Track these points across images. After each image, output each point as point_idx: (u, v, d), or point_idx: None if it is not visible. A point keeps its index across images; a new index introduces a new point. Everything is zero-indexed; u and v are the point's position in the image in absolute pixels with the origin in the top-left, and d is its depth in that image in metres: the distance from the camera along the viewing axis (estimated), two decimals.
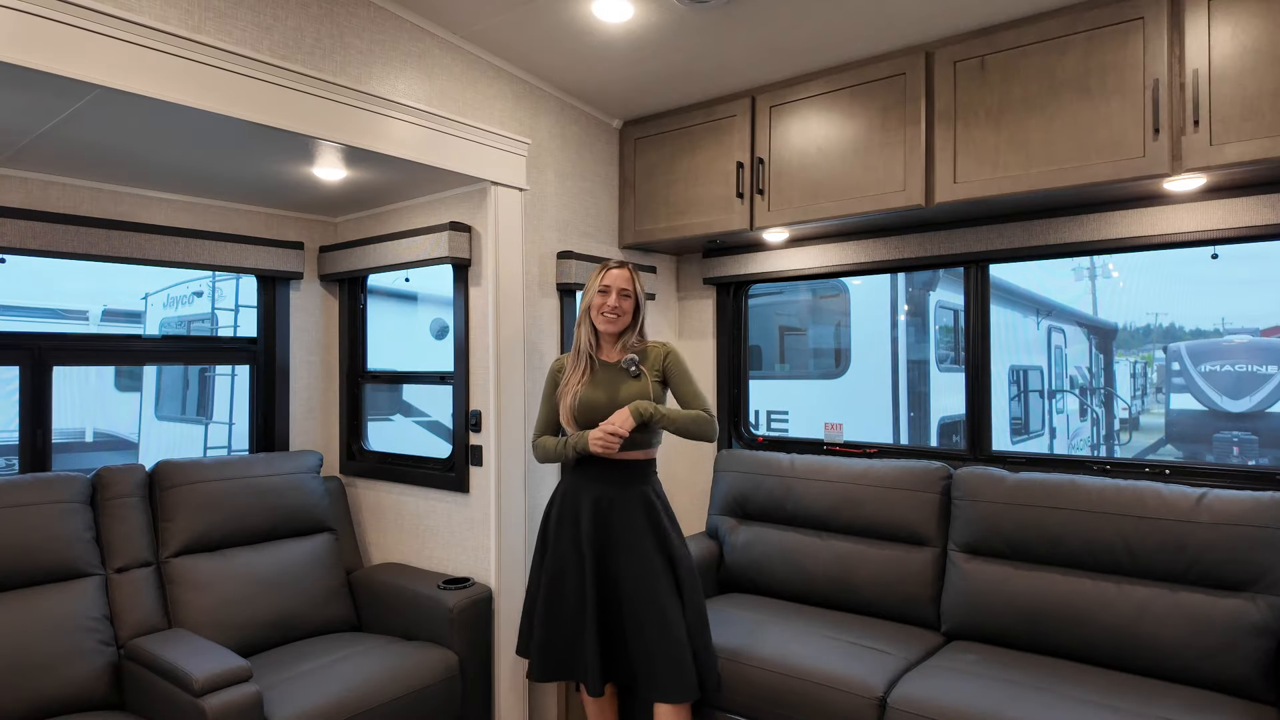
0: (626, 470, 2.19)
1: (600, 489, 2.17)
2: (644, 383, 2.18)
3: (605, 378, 2.21)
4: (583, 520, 2.16)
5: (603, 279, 2.21)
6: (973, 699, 1.94)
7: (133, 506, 2.40)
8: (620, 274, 2.22)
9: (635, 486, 2.18)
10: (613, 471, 2.18)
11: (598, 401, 2.17)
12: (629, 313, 2.22)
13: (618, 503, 2.15)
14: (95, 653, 2.13)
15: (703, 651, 2.13)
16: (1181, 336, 9.14)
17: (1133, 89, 2.08)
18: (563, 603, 2.17)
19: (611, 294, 2.19)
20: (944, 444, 5.85)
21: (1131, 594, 2.15)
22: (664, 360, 2.24)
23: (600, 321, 2.21)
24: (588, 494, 2.17)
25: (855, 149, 2.55)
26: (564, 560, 2.19)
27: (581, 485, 2.20)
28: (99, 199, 2.52)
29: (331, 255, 3.05)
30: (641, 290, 2.26)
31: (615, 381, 2.20)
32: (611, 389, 2.18)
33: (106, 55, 1.72)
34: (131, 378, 7.66)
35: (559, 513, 2.23)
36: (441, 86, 2.48)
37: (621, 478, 2.18)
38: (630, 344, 2.25)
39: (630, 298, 2.22)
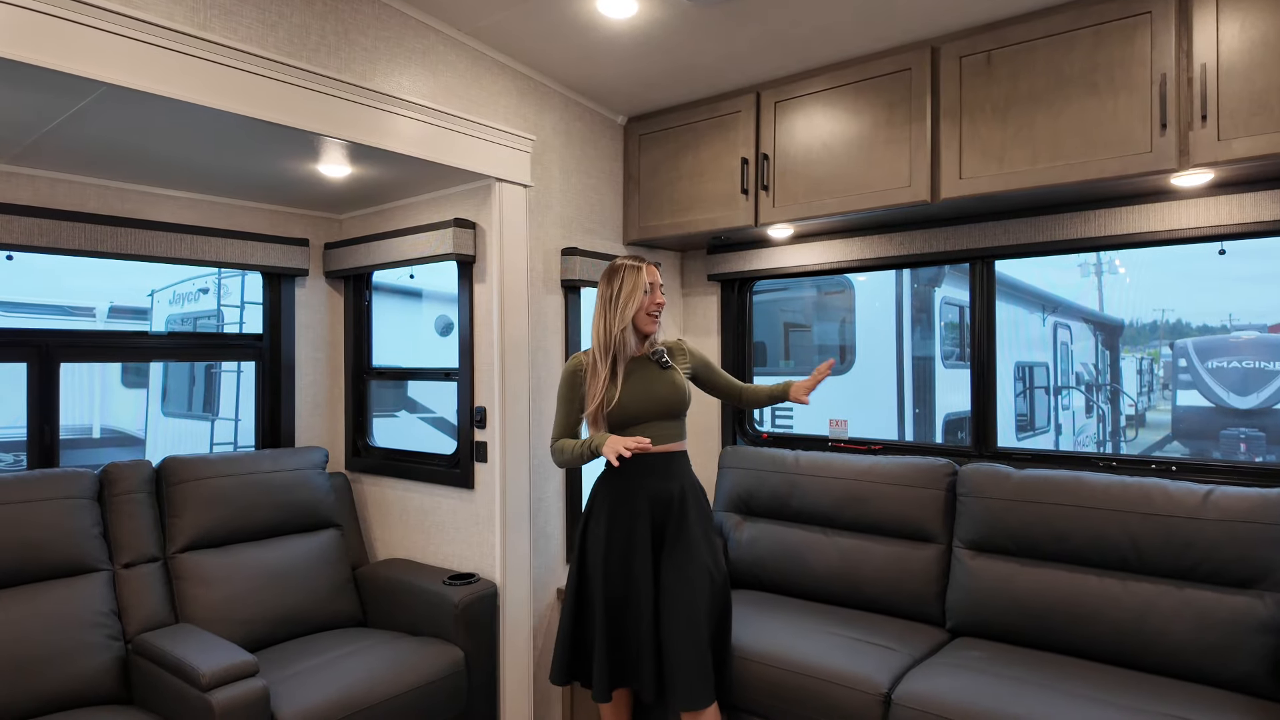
0: (678, 464, 2.17)
1: (658, 484, 2.11)
2: (675, 374, 2.20)
3: (640, 372, 2.18)
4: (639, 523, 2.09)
5: (645, 278, 2.16)
6: (977, 695, 1.94)
7: (140, 502, 2.41)
8: (655, 270, 2.21)
9: (687, 479, 2.17)
10: (666, 467, 2.13)
11: (640, 396, 2.13)
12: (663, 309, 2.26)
13: (677, 497, 2.11)
14: (103, 647, 2.15)
15: (724, 650, 2.13)
16: (1188, 333, 9.10)
17: (1140, 84, 2.07)
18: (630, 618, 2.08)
19: (656, 291, 2.19)
20: (949, 440, 5.84)
21: (1137, 591, 2.15)
22: (689, 354, 2.30)
23: (646, 322, 2.18)
24: (644, 492, 2.10)
25: (860, 145, 2.54)
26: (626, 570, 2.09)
27: (634, 486, 2.11)
28: (105, 196, 2.52)
29: (336, 252, 3.06)
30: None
31: (651, 374, 2.18)
32: (650, 382, 2.16)
33: (112, 52, 1.72)
34: (138, 374, 7.69)
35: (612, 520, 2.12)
36: (446, 83, 2.48)
37: (675, 472, 2.15)
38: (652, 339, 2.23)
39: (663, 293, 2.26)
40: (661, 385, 2.16)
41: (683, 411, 2.20)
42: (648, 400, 2.13)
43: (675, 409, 2.17)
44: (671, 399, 2.16)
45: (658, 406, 2.14)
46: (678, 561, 2.07)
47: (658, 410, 2.14)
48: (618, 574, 2.10)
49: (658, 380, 2.17)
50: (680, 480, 2.15)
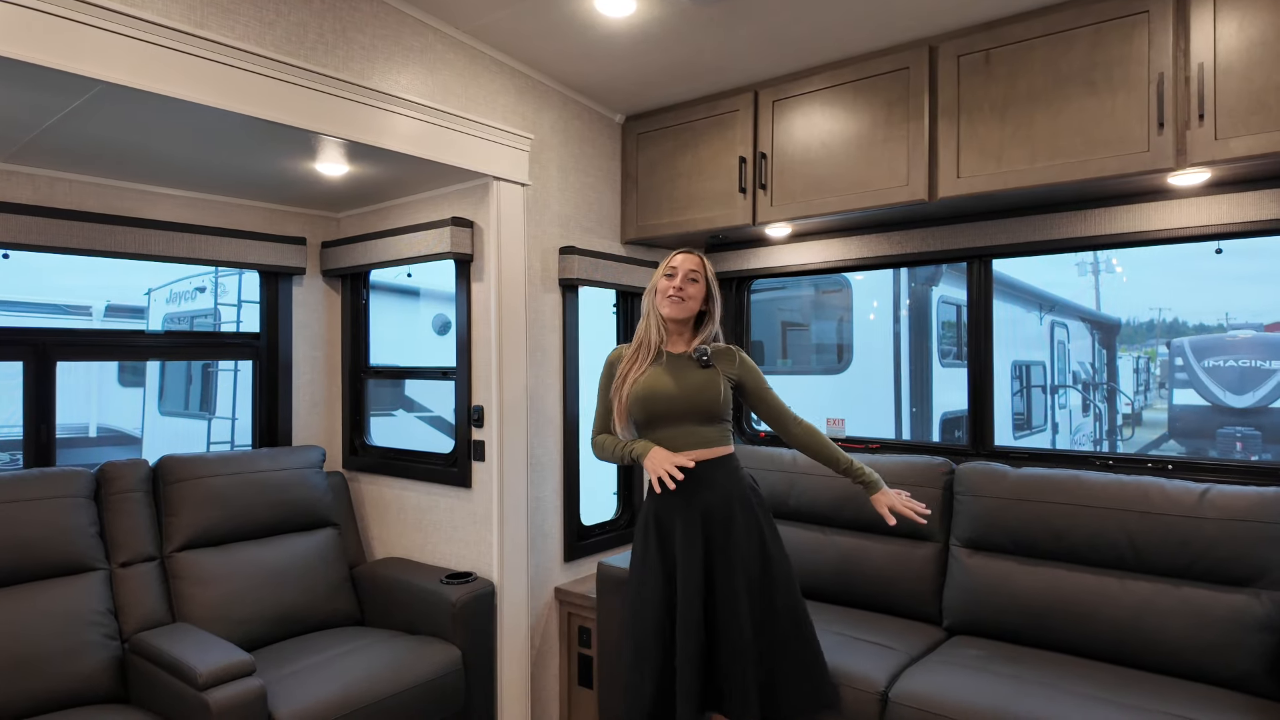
0: (722, 470, 2.00)
1: (708, 495, 1.96)
2: (714, 374, 2.01)
3: (672, 366, 2.02)
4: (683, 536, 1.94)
5: (669, 262, 2.06)
6: (974, 694, 1.95)
7: (137, 501, 2.40)
8: (689, 257, 2.06)
9: (734, 486, 2.00)
10: (710, 475, 1.97)
11: (662, 389, 1.99)
12: (696, 299, 2.04)
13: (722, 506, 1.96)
14: (100, 646, 2.14)
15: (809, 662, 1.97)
16: (1185, 331, 9.12)
17: (1138, 83, 2.07)
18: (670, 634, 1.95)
19: (678, 276, 2.03)
20: (946, 439, 5.85)
21: (1135, 589, 2.15)
22: (738, 363, 2.08)
23: (664, 305, 2.03)
24: (693, 503, 1.95)
25: (858, 144, 2.54)
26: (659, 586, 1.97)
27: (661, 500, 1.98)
28: (103, 194, 2.52)
29: (334, 251, 3.05)
30: (714, 280, 2.09)
31: (683, 370, 2.02)
32: (679, 378, 2.00)
33: (109, 51, 1.71)
34: (135, 373, 7.67)
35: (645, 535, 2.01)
36: (444, 81, 2.47)
37: (720, 479, 1.98)
38: (709, 339, 2.09)
39: (699, 283, 2.04)
40: (694, 383, 2.00)
41: (718, 414, 2.01)
42: (677, 398, 1.98)
43: (707, 410, 1.99)
44: (702, 397, 1.98)
45: (687, 406, 1.98)
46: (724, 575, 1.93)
47: (686, 410, 1.98)
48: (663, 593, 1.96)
49: (693, 377, 2.00)
50: (728, 487, 1.99)
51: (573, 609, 2.82)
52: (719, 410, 2.01)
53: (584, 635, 2.80)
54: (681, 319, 2.06)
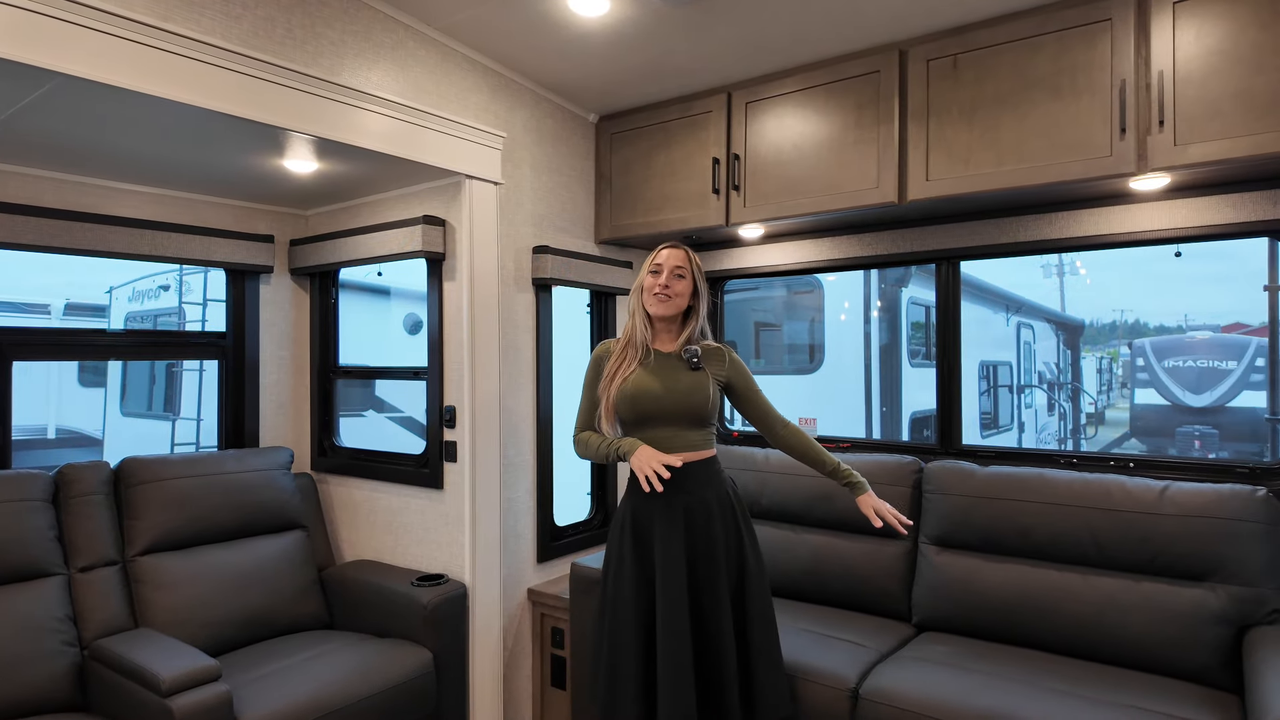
0: (704, 473, 1.99)
1: (689, 497, 1.95)
2: (704, 377, 1.99)
3: (660, 366, 1.99)
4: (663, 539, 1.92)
5: (654, 259, 2.03)
6: (942, 689, 1.97)
7: (97, 504, 2.34)
8: (674, 253, 2.01)
9: (705, 489, 1.98)
10: (693, 476, 1.96)
11: (651, 390, 1.96)
12: (683, 295, 2.00)
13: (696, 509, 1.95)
14: (58, 654, 2.09)
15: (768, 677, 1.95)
16: (1146, 332, 9.34)
17: (1101, 89, 2.11)
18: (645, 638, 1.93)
19: (663, 273, 1.99)
20: (915, 438, 5.93)
21: (1098, 585, 2.20)
22: (728, 364, 2.06)
23: (651, 303, 2.00)
24: (674, 505, 1.94)
25: (830, 146, 2.56)
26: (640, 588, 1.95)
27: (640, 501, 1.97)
28: (61, 190, 2.45)
29: (302, 249, 3.01)
30: (701, 276, 2.05)
31: (672, 371, 1.99)
32: (668, 378, 1.97)
33: (69, 42, 1.67)
34: (96, 373, 7.49)
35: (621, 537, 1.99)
36: (415, 78, 2.45)
37: (703, 481, 1.98)
38: (697, 338, 2.05)
39: (685, 279, 2.00)
40: (683, 385, 1.97)
41: (705, 417, 1.99)
42: (664, 399, 1.95)
43: (695, 413, 1.97)
44: (690, 401, 1.96)
45: (675, 408, 1.95)
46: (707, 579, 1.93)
47: (674, 412, 1.96)
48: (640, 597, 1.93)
49: (682, 379, 1.98)
50: (710, 490, 1.98)
51: (546, 610, 2.81)
52: (707, 414, 2.00)
53: (557, 636, 2.79)
54: (667, 316, 2.03)
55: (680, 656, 1.85)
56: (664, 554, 1.92)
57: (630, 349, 2.03)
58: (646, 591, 1.94)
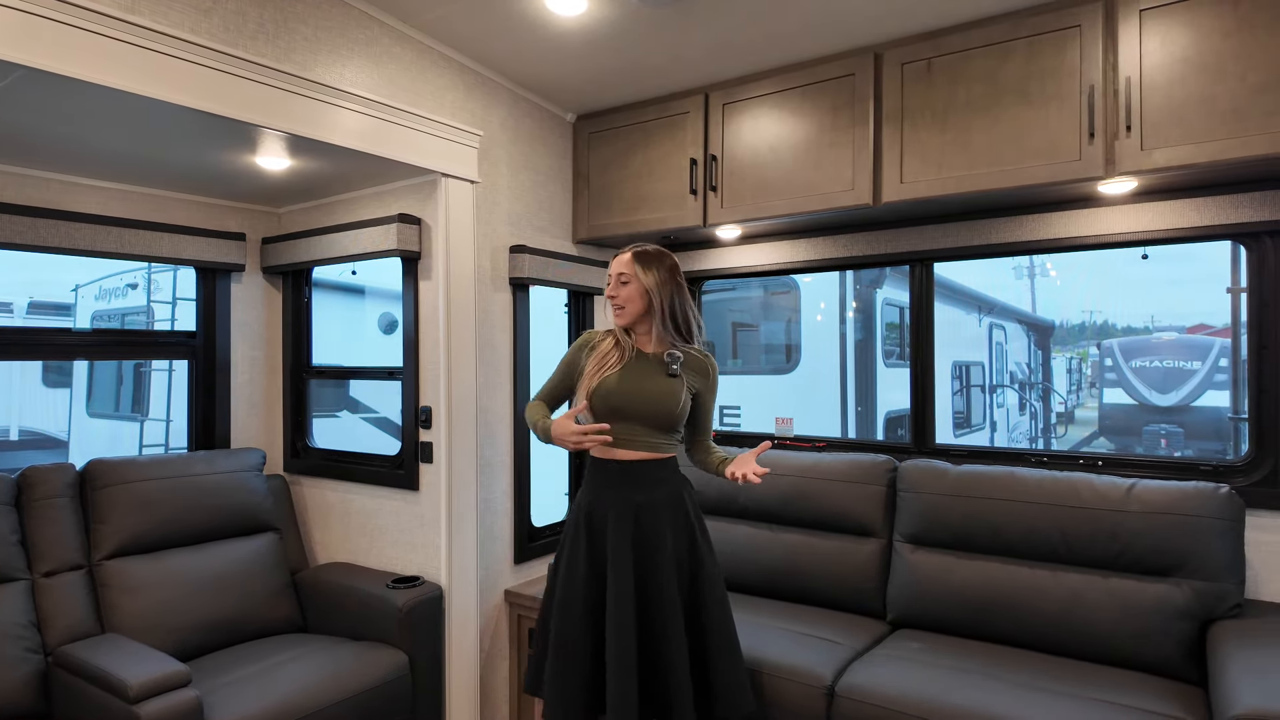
0: (650, 470, 2.01)
1: (621, 495, 1.98)
2: (678, 385, 2.01)
3: (640, 367, 2.02)
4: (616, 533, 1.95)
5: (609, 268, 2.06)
6: (917, 685, 2.00)
7: (61, 508, 2.29)
8: (618, 260, 2.03)
9: (669, 488, 2.01)
10: (633, 474, 1.99)
11: (624, 389, 1.99)
12: (634, 299, 2.01)
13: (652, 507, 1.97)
14: (20, 660, 2.04)
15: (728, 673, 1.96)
16: (1114, 334, 9.53)
17: (1070, 94, 2.15)
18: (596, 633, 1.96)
19: (612, 282, 2.04)
20: (890, 437, 5.99)
21: (1066, 581, 2.24)
22: (703, 374, 2.10)
23: (611, 315, 2.06)
24: (626, 501, 1.97)
25: (806, 147, 2.58)
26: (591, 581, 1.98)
27: (598, 494, 2.01)
28: (23, 185, 2.39)
29: (275, 247, 2.97)
30: (651, 276, 2.02)
31: (649, 375, 2.01)
32: (644, 381, 2.00)
33: (31, 34, 1.63)
34: (61, 373, 7.32)
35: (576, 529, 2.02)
36: (391, 75, 2.42)
37: (657, 480, 2.00)
38: (665, 337, 2.05)
39: (630, 284, 2.01)
40: (655, 389, 1.99)
41: (671, 423, 2.02)
42: (634, 398, 1.98)
43: (663, 418, 1.99)
44: (659, 407, 1.98)
45: (639, 406, 1.98)
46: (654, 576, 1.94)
47: (638, 410, 1.98)
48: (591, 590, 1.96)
49: (655, 383, 2.00)
50: (665, 490, 2.00)
51: (523, 611, 2.80)
52: (674, 421, 2.03)
53: (534, 637, 2.78)
54: (629, 323, 2.05)
55: (625, 650, 1.87)
56: (614, 550, 1.95)
57: (616, 352, 2.05)
58: (597, 585, 1.97)
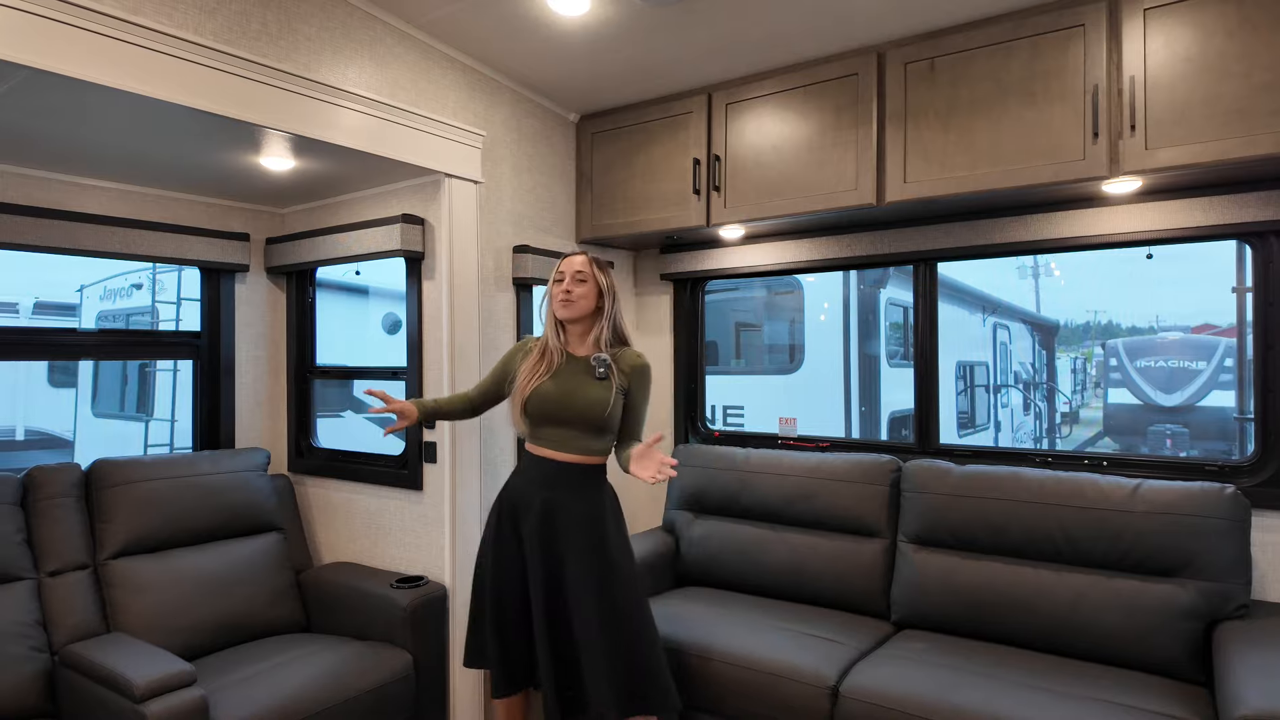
0: (577, 473, 2.09)
1: (549, 492, 2.06)
2: (606, 388, 2.06)
3: (568, 372, 2.10)
4: (527, 524, 2.07)
5: (558, 267, 2.15)
6: (921, 686, 1.99)
7: (67, 507, 2.30)
8: (574, 259, 2.13)
9: (584, 492, 2.08)
10: (557, 474, 2.08)
11: (555, 396, 2.07)
12: (586, 298, 2.10)
13: (565, 507, 2.05)
14: (26, 660, 2.04)
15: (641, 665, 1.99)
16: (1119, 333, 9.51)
17: (1074, 94, 2.15)
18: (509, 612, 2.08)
19: (565, 279, 2.11)
20: (894, 437, 5.99)
21: (1070, 581, 2.23)
22: (630, 373, 2.12)
23: (557, 308, 2.11)
24: (536, 496, 2.07)
25: (809, 147, 2.58)
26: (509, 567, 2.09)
27: (528, 488, 2.10)
28: (26, 186, 2.40)
29: (279, 247, 2.97)
30: (604, 280, 2.13)
31: (577, 379, 2.08)
32: (570, 386, 2.07)
33: (37, 35, 1.64)
34: (66, 373, 7.35)
35: (501, 515, 2.13)
36: (394, 76, 2.43)
37: (571, 481, 2.08)
38: (603, 340, 2.12)
39: (586, 283, 2.10)
40: (583, 394, 2.06)
41: (604, 427, 2.07)
42: (562, 403, 2.05)
43: (592, 421, 2.05)
44: (588, 411, 2.04)
45: (570, 413, 2.05)
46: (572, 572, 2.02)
47: (569, 416, 2.05)
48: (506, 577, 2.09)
49: (583, 387, 2.07)
50: (586, 492, 2.08)
51: None
52: (604, 423, 2.07)
53: None
54: (573, 319, 2.12)
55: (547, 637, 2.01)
56: (530, 540, 2.06)
57: (547, 355, 2.13)
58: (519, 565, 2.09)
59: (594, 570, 2.02)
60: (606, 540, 2.06)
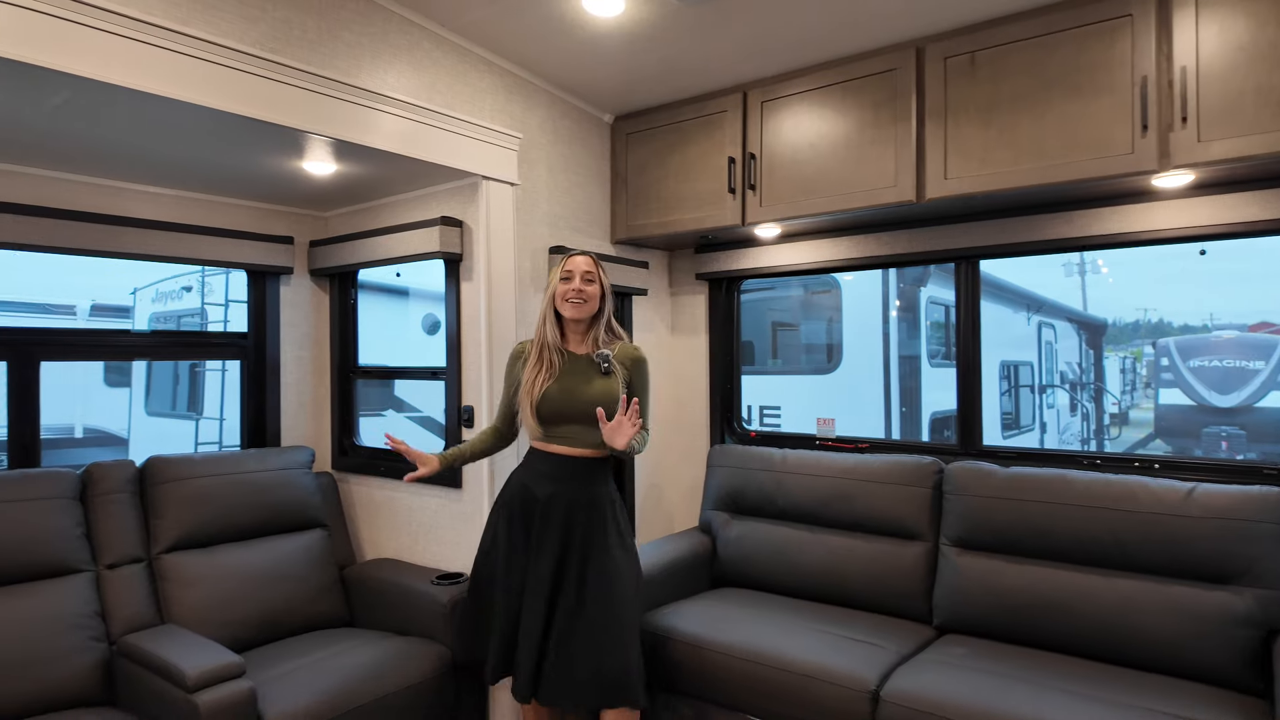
0: (585, 467, 2.12)
1: (557, 486, 2.10)
2: (612, 382, 2.11)
3: (573, 370, 2.13)
4: (534, 516, 2.10)
5: (565, 266, 2.16)
6: (965, 692, 1.96)
7: (123, 503, 2.38)
8: (582, 259, 2.16)
9: (592, 484, 2.12)
10: (568, 468, 2.11)
11: (563, 394, 2.10)
12: (595, 299, 2.15)
13: (572, 498, 2.09)
14: (86, 649, 2.12)
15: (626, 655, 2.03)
16: (1170, 332, 9.21)
17: (1121, 86, 2.09)
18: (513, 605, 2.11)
19: (575, 279, 2.13)
20: (935, 439, 5.88)
21: (1119, 587, 2.17)
22: (631, 365, 2.17)
23: (566, 308, 2.14)
24: (543, 490, 2.10)
25: (847, 144, 2.55)
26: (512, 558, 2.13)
27: (537, 482, 2.13)
28: (84, 192, 2.49)
29: (322, 250, 3.04)
30: (605, 280, 2.19)
31: (584, 375, 2.12)
32: (577, 383, 2.11)
33: (92, 48, 1.70)
34: (121, 373, 7.61)
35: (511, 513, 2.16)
36: (431, 80, 2.47)
37: (579, 474, 2.12)
38: (600, 339, 2.17)
39: (594, 284, 2.15)
40: (592, 389, 2.10)
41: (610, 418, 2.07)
42: (571, 400, 2.09)
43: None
44: (600, 404, 2.06)
45: (579, 409, 2.08)
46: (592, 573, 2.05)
47: (579, 413, 2.09)
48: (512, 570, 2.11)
49: (591, 383, 2.11)
50: (592, 486, 2.11)
51: None
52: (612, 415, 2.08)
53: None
54: (582, 319, 2.15)
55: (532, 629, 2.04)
56: (540, 535, 2.08)
57: (545, 355, 2.16)
58: (519, 560, 2.12)
59: (594, 559, 2.06)
60: (607, 530, 2.10)
